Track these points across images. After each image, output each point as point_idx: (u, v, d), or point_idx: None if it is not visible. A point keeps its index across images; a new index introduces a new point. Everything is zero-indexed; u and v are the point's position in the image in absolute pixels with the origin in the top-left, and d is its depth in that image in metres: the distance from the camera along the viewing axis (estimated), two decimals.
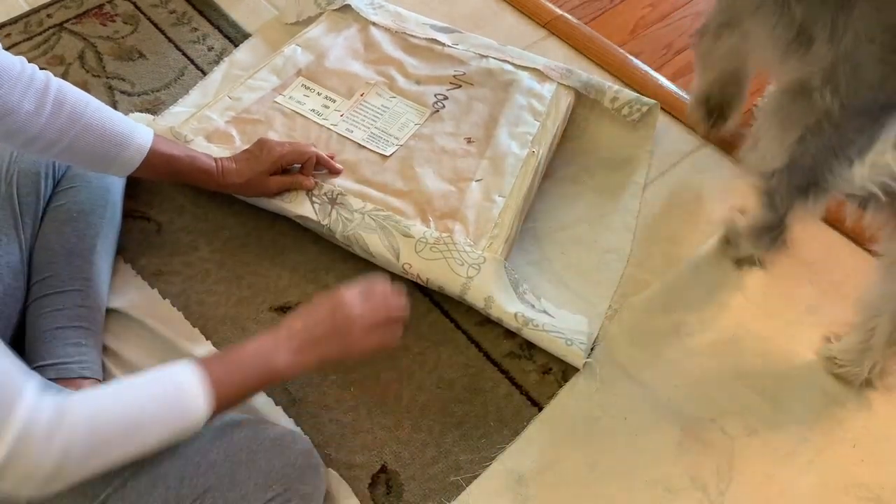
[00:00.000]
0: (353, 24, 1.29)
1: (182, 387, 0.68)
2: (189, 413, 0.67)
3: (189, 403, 0.67)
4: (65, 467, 0.61)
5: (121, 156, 0.89)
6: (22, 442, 0.58)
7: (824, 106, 0.82)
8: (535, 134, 1.13)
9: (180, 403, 0.67)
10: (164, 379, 0.68)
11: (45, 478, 0.60)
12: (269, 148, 1.01)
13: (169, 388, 0.67)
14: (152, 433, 0.66)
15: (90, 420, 0.62)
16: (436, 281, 0.99)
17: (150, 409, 0.66)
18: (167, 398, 0.67)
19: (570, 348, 0.96)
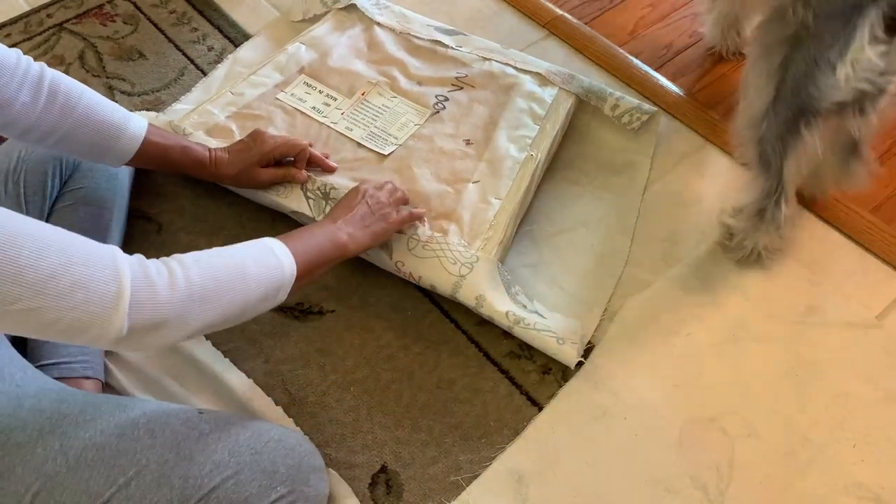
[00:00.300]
0: (357, 23, 1.29)
1: (272, 247, 0.76)
2: (282, 268, 0.75)
3: (281, 259, 0.75)
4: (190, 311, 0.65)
5: (115, 145, 0.89)
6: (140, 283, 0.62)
7: (798, 20, 0.87)
8: (534, 138, 1.13)
9: (274, 258, 0.75)
10: (253, 243, 0.76)
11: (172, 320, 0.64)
12: (263, 140, 1.01)
13: (261, 247, 0.75)
14: (256, 279, 0.72)
15: (200, 263, 0.68)
16: (428, 279, 0.99)
17: (251, 258, 0.73)
18: (262, 253, 0.75)
19: (562, 347, 0.96)
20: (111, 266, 0.62)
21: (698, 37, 1.44)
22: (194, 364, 0.97)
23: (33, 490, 0.69)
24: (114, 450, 0.71)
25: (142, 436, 0.73)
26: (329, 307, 1.04)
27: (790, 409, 0.97)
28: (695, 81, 1.36)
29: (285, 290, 0.76)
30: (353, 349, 1.00)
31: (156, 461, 0.71)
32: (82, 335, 0.62)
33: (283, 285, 0.75)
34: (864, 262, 1.11)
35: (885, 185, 1.22)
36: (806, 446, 0.94)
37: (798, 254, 1.12)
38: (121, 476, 0.70)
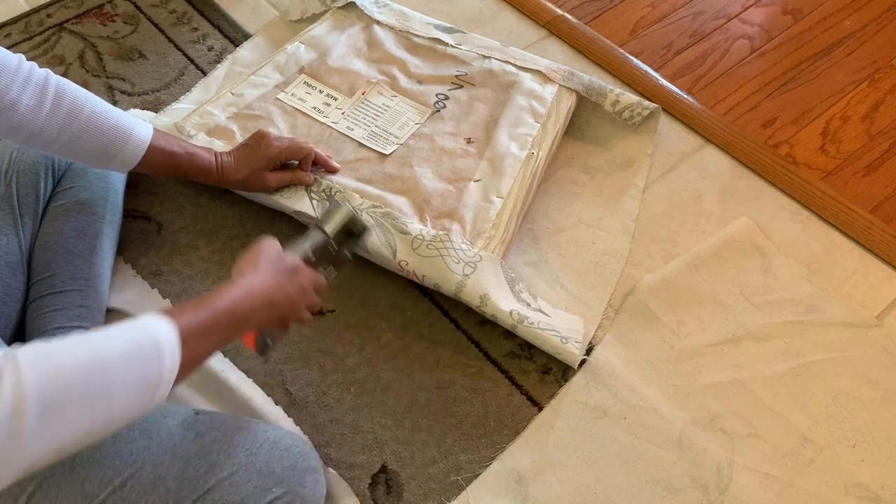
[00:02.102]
0: (356, 22, 1.29)
1: (153, 337, 0.58)
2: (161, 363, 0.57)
3: (162, 353, 0.58)
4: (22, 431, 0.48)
5: (121, 152, 0.89)
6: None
7: None
8: (535, 136, 1.13)
9: (151, 351, 0.57)
10: (129, 329, 0.58)
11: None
12: (267, 143, 1.01)
13: (136, 337, 0.57)
14: (120, 383, 0.54)
15: (44, 368, 0.51)
16: (431, 278, 0.99)
17: (118, 354, 0.55)
18: (135, 344, 0.57)
19: (566, 346, 0.96)
20: None
21: (698, 37, 1.44)
22: None
23: (28, 490, 0.69)
24: (109, 450, 0.71)
25: (137, 437, 0.73)
26: (329, 307, 1.04)
27: (790, 409, 0.97)
28: (695, 81, 1.36)
29: (161, 392, 0.58)
30: (353, 349, 1.00)
31: (151, 462, 0.71)
32: None
33: (160, 384, 0.58)
34: (864, 262, 1.11)
35: (885, 185, 1.22)
36: (806, 446, 0.94)
37: (798, 254, 1.12)
38: (116, 477, 0.70)
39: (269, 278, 0.72)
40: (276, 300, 0.72)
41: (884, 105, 1.33)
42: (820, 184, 1.20)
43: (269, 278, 0.72)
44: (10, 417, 0.48)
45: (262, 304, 0.70)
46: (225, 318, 0.66)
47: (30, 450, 0.50)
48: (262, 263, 0.73)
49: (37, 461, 0.51)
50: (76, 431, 0.53)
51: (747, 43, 1.43)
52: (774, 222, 1.15)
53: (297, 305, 0.75)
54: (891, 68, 1.39)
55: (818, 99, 1.34)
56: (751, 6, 1.50)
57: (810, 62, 1.40)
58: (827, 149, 1.27)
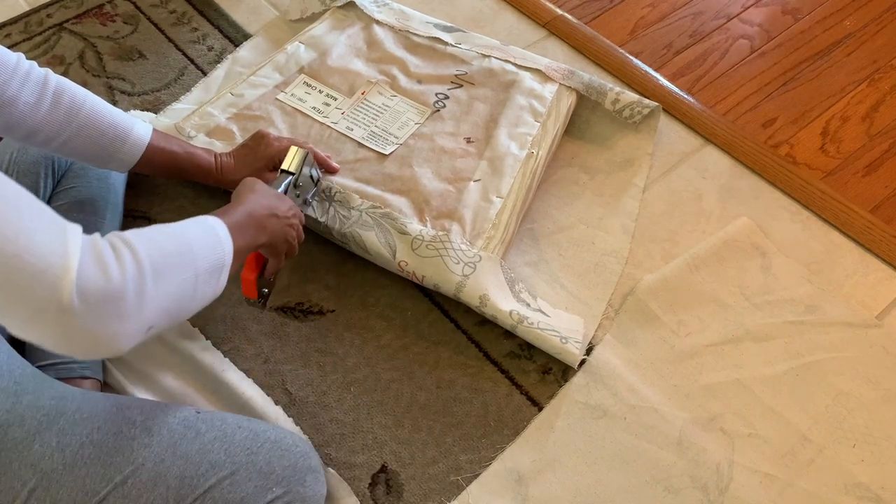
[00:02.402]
0: (356, 21, 1.29)
1: (213, 226, 0.72)
2: (224, 246, 0.71)
3: (221, 238, 0.72)
4: (144, 281, 0.59)
5: (120, 150, 0.89)
6: (89, 251, 0.57)
7: None
8: (535, 135, 1.13)
9: (216, 236, 0.71)
10: (193, 221, 0.72)
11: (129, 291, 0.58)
12: (267, 143, 1.01)
13: (203, 225, 0.72)
14: (201, 256, 0.68)
15: (146, 238, 0.63)
16: (431, 279, 0.99)
17: (193, 234, 0.69)
18: (204, 230, 0.71)
19: (565, 346, 0.96)
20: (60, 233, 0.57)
21: (698, 37, 1.44)
22: (194, 363, 0.97)
23: (30, 486, 0.69)
24: (111, 447, 0.71)
25: (139, 434, 0.73)
26: (329, 307, 1.04)
27: (790, 408, 0.97)
28: (695, 81, 1.36)
29: (227, 270, 0.72)
30: (353, 349, 1.00)
31: (152, 460, 0.71)
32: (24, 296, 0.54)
33: (225, 265, 0.72)
34: (864, 262, 1.11)
35: (885, 185, 1.22)
36: (806, 446, 0.94)
37: (798, 254, 1.12)
38: (117, 474, 0.70)
39: (267, 196, 0.85)
40: (276, 211, 0.84)
41: (884, 105, 1.33)
42: (820, 184, 1.20)
43: (267, 196, 0.85)
44: (135, 278, 0.59)
45: (268, 213, 0.83)
46: (247, 220, 0.79)
47: (150, 307, 0.61)
48: (257, 188, 0.86)
49: (157, 315, 0.62)
50: (177, 294, 0.64)
51: (747, 43, 1.43)
52: (774, 222, 1.15)
53: (289, 221, 0.87)
54: (891, 68, 1.39)
55: (818, 99, 1.34)
56: (751, 6, 1.50)
57: (810, 62, 1.40)
58: (827, 149, 1.27)
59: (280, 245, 0.86)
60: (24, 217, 0.55)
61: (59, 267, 0.55)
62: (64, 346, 0.58)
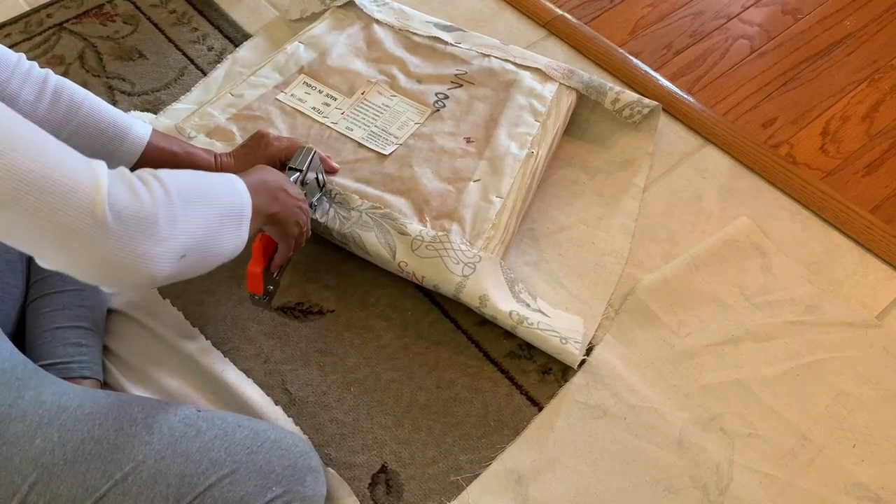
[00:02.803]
0: (356, 21, 1.29)
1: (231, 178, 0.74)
2: (241, 195, 0.72)
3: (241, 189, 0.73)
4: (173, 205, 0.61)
5: (119, 150, 0.89)
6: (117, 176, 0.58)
7: None
8: (535, 135, 1.13)
9: (235, 186, 0.73)
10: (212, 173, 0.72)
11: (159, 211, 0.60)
12: (267, 143, 1.01)
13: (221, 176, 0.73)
14: (224, 198, 0.69)
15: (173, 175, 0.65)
16: (431, 279, 0.99)
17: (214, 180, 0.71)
18: (223, 178, 0.73)
19: (565, 346, 0.96)
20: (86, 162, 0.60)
21: (698, 37, 1.44)
22: (194, 363, 0.97)
23: (30, 481, 0.69)
24: (111, 444, 0.72)
25: (139, 431, 0.73)
26: (329, 307, 1.04)
27: (790, 408, 0.97)
28: (695, 81, 1.36)
29: (247, 222, 0.73)
30: (353, 349, 1.00)
31: (153, 457, 0.71)
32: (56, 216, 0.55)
33: (245, 215, 0.73)
34: (864, 262, 1.11)
35: (885, 185, 1.22)
36: (806, 446, 0.94)
37: (798, 254, 1.12)
38: (118, 471, 0.70)
39: (278, 174, 0.85)
40: (288, 188, 0.84)
41: (884, 105, 1.33)
42: (820, 184, 1.20)
43: (278, 174, 0.85)
44: (165, 203, 0.61)
45: (280, 187, 0.83)
46: (262, 186, 0.79)
47: (181, 231, 0.63)
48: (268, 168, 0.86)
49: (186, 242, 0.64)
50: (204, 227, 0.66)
51: (747, 43, 1.43)
52: (774, 222, 1.15)
53: (298, 203, 0.87)
54: (891, 68, 1.39)
55: (818, 99, 1.34)
56: (751, 6, 1.50)
57: (810, 62, 1.40)
58: (827, 149, 1.27)
59: (290, 225, 0.86)
60: (49, 147, 0.57)
61: (90, 186, 0.56)
62: (98, 268, 0.59)
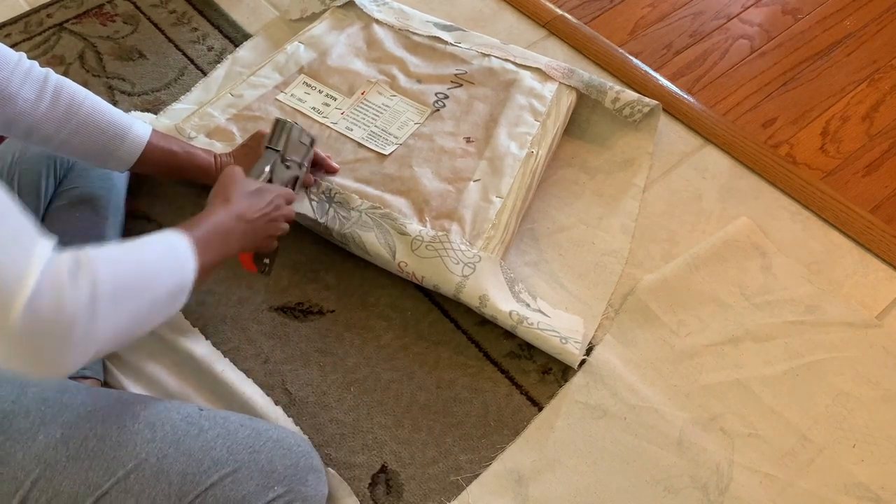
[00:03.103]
0: (356, 21, 1.29)
1: (176, 245, 0.71)
2: (185, 268, 0.70)
3: (185, 261, 0.71)
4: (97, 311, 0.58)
5: (119, 149, 0.89)
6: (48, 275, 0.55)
7: None
8: (535, 134, 1.13)
9: (178, 258, 0.70)
10: (157, 240, 0.70)
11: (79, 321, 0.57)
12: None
13: (165, 245, 0.71)
14: (162, 281, 0.67)
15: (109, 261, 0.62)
16: (431, 279, 0.99)
17: (156, 257, 0.68)
18: (166, 251, 0.70)
19: (565, 346, 0.96)
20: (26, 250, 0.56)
21: (698, 37, 1.44)
22: (194, 363, 0.97)
23: (33, 477, 0.69)
24: (114, 441, 0.72)
25: (142, 429, 0.73)
26: (329, 307, 1.04)
27: (790, 408, 0.97)
28: (695, 81, 1.36)
29: (187, 291, 0.71)
30: (353, 349, 1.00)
31: (155, 455, 0.72)
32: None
33: (185, 287, 0.70)
34: (864, 262, 1.11)
35: (885, 185, 1.22)
36: (806, 446, 0.94)
37: (798, 254, 1.12)
38: (120, 468, 0.71)
39: (239, 200, 0.83)
40: (249, 216, 0.83)
41: (884, 105, 1.33)
42: (820, 184, 1.20)
43: (239, 200, 0.83)
44: (87, 308, 0.58)
45: (238, 221, 0.81)
46: (215, 233, 0.78)
47: (99, 336, 0.60)
48: (230, 191, 0.84)
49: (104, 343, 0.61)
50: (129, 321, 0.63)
51: (747, 43, 1.43)
52: (774, 222, 1.15)
53: (269, 216, 0.86)
54: (891, 68, 1.39)
55: (818, 99, 1.34)
56: (751, 6, 1.50)
57: (810, 62, 1.40)
58: (827, 149, 1.27)
59: (260, 242, 0.87)
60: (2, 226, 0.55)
61: (12, 287, 0.54)
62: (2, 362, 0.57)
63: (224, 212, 0.80)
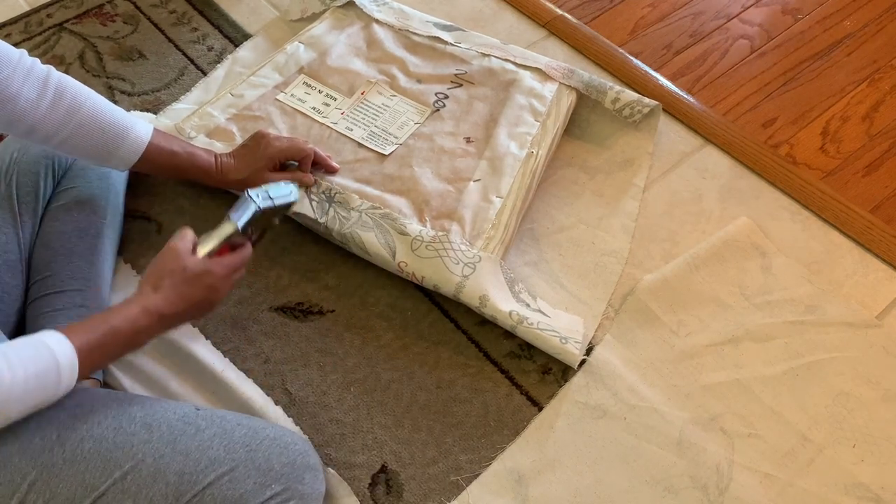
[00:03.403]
0: (356, 21, 1.29)
1: (58, 360, 0.69)
2: (59, 389, 0.69)
3: (61, 378, 0.69)
4: None
5: (120, 149, 0.89)
6: None
7: None
8: (535, 134, 1.13)
9: (49, 383, 0.68)
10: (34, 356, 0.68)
11: None
12: (267, 143, 1.01)
13: (45, 363, 0.68)
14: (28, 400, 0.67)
15: None
16: (431, 279, 0.98)
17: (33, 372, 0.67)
18: (45, 370, 0.68)
19: (565, 346, 0.96)
20: None
21: (698, 37, 1.44)
22: (193, 363, 0.97)
23: (30, 479, 0.69)
24: (111, 442, 0.72)
25: (139, 430, 0.73)
26: (329, 307, 1.04)
27: (790, 408, 0.97)
28: (695, 81, 1.36)
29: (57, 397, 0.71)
30: (353, 349, 1.00)
31: (152, 455, 0.71)
32: None
33: (56, 397, 0.70)
34: (864, 262, 1.11)
35: (884, 185, 1.22)
36: (806, 446, 0.94)
37: (798, 254, 1.12)
38: (117, 469, 0.71)
39: (169, 294, 0.79)
40: (170, 311, 0.79)
41: (884, 105, 1.33)
42: (820, 184, 1.20)
43: (169, 294, 0.79)
44: None
45: (155, 320, 0.78)
46: (122, 337, 0.75)
47: None
48: (163, 280, 0.79)
49: None
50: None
51: (747, 43, 1.43)
52: (774, 222, 1.15)
53: (208, 301, 0.82)
54: (891, 68, 1.39)
55: (818, 99, 1.34)
56: (751, 6, 1.50)
57: (810, 62, 1.40)
58: (827, 149, 1.27)
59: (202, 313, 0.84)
60: None
61: None
62: None
63: (140, 310, 0.77)
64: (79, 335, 0.71)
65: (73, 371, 0.70)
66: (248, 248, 0.88)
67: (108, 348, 0.74)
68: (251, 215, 0.86)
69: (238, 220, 0.85)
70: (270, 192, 0.88)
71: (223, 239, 0.85)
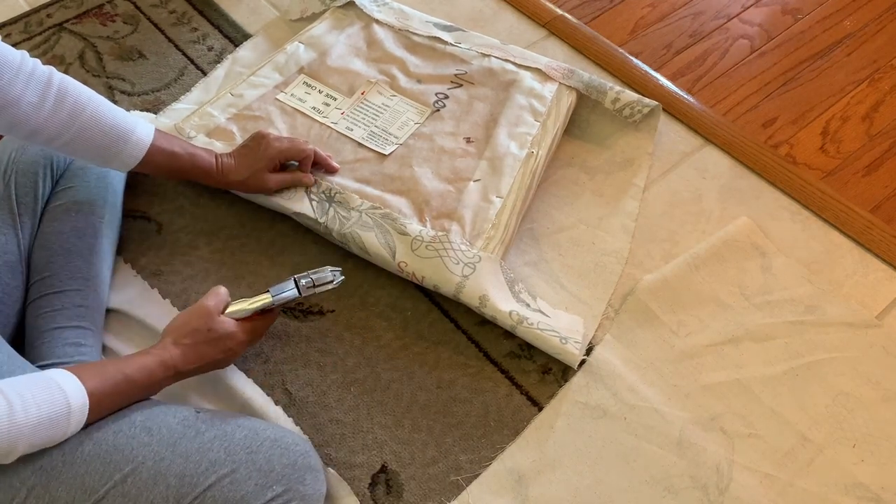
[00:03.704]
0: (356, 21, 1.29)
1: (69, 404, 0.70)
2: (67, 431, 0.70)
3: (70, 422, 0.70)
4: None
5: (122, 151, 0.89)
6: None
7: None
8: (535, 135, 1.13)
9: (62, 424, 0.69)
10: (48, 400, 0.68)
11: None
12: (267, 143, 1.01)
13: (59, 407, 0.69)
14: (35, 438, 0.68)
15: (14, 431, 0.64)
16: (431, 279, 0.98)
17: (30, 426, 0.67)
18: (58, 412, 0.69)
19: (565, 346, 0.96)
20: None
21: (698, 37, 1.44)
22: None
23: (29, 484, 0.69)
24: (110, 446, 0.72)
25: (138, 433, 0.73)
26: (329, 307, 1.04)
27: (790, 408, 0.97)
28: (695, 81, 1.36)
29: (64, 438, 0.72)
30: (353, 349, 1.00)
31: (152, 458, 0.71)
32: None
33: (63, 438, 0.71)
34: (864, 262, 1.11)
35: (884, 185, 1.22)
36: (806, 446, 0.94)
37: (798, 254, 1.12)
38: (117, 472, 0.70)
39: (188, 352, 0.82)
40: (187, 368, 0.82)
41: (884, 105, 1.33)
42: (820, 184, 1.20)
43: (188, 352, 0.82)
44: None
45: (171, 374, 0.81)
46: (135, 387, 0.77)
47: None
48: (186, 338, 0.83)
49: None
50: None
51: (747, 43, 1.43)
52: (774, 222, 1.15)
53: (224, 361, 0.86)
54: (891, 68, 1.39)
55: (818, 99, 1.34)
56: (751, 6, 1.50)
57: (810, 62, 1.40)
58: (827, 149, 1.27)
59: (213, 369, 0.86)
60: None
61: None
62: None
63: (158, 363, 0.80)
64: (93, 380, 0.73)
65: (83, 416, 0.71)
66: (274, 315, 0.93)
67: (119, 396, 0.76)
68: (290, 299, 0.90)
69: (276, 295, 0.89)
70: (315, 278, 0.91)
71: (256, 309, 0.89)
